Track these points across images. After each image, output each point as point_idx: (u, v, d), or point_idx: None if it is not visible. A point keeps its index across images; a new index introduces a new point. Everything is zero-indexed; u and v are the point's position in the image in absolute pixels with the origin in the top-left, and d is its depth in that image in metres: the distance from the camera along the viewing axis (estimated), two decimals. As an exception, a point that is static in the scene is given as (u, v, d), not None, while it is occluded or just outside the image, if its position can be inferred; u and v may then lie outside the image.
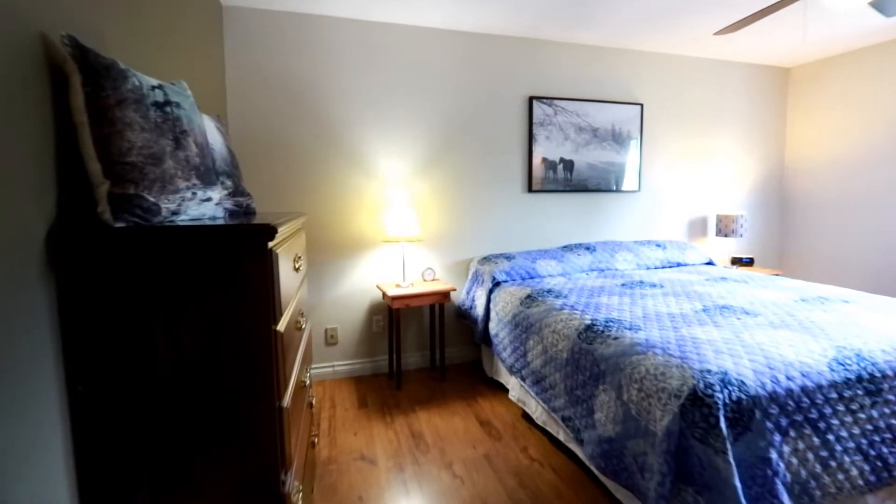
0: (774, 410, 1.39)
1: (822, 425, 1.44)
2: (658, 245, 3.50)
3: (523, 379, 2.36)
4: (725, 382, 1.40)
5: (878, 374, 1.55)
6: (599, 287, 2.67)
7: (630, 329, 1.87)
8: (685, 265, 3.46)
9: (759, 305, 2.21)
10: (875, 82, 3.59)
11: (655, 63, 3.68)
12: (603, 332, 1.89)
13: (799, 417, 1.42)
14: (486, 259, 3.10)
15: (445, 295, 2.88)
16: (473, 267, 3.14)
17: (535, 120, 3.31)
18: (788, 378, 1.46)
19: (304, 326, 1.50)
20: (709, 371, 1.45)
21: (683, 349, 1.63)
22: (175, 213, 1.15)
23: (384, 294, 2.80)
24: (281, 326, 1.11)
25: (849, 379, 1.51)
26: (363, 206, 3.00)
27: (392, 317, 2.92)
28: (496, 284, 2.89)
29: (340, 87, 2.88)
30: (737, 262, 3.90)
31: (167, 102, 1.14)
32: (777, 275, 3.91)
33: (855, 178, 3.78)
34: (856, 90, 3.73)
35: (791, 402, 1.42)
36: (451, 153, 3.17)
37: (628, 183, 3.65)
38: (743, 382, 1.41)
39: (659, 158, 3.80)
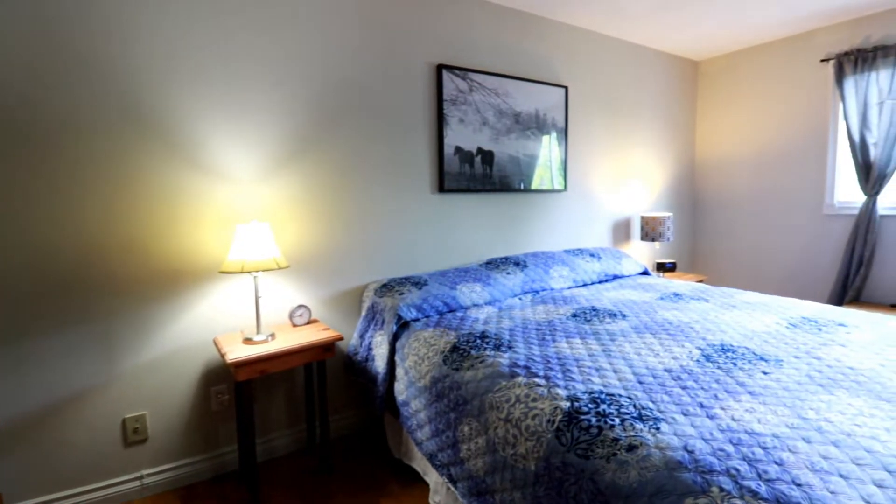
0: None
1: None
2: (592, 255, 2.91)
3: (453, 481, 1.50)
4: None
5: None
6: (547, 323, 1.92)
7: (641, 420, 1.10)
8: (623, 277, 2.92)
9: (759, 342, 1.64)
10: (783, 77, 3.45)
11: (578, 40, 3.11)
12: (599, 428, 1.10)
13: None
14: (386, 287, 2.18)
15: (327, 347, 1.90)
16: (369, 299, 2.20)
17: (445, 96, 2.48)
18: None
19: None
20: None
21: (766, 477, 0.90)
22: None
23: (223, 357, 1.72)
24: None
25: None
26: (198, 219, 1.88)
27: (241, 390, 1.85)
28: (403, 326, 1.98)
29: (137, 26, 1.73)
30: (661, 267, 3.53)
31: None
32: (701, 281, 3.63)
33: (766, 176, 3.63)
34: (764, 85, 3.58)
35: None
36: (329, 139, 2.18)
37: (553, 180, 3.02)
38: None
39: (584, 152, 3.25)
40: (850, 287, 3.07)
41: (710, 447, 0.98)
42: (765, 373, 1.36)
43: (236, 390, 1.94)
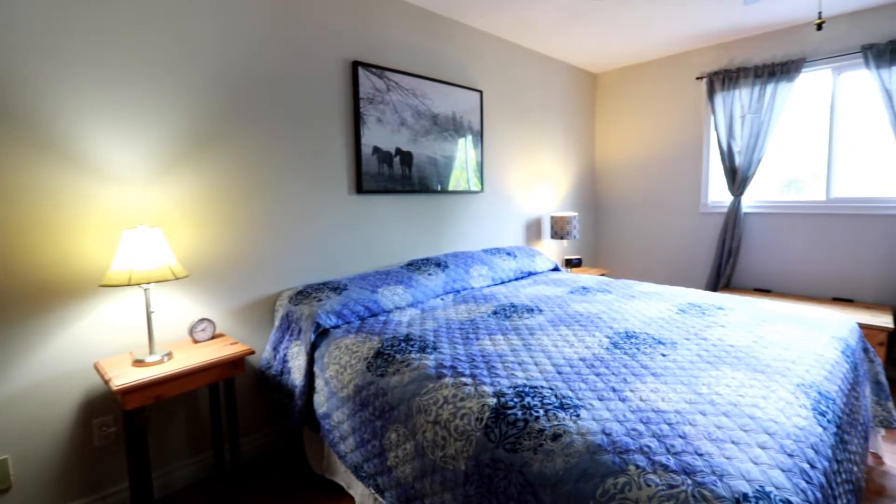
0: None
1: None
2: (508, 254, 3.02)
3: (380, 491, 1.45)
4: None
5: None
6: (470, 322, 1.95)
7: (563, 409, 1.15)
8: (537, 273, 3.06)
9: (657, 327, 1.81)
10: (666, 92, 3.88)
11: (492, 46, 3.21)
12: (525, 420, 1.13)
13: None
14: (302, 294, 2.06)
15: (235, 363, 1.74)
16: (283, 308, 2.06)
17: (362, 94, 2.41)
18: None
19: None
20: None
21: (673, 451, 0.98)
22: None
23: (108, 384, 1.49)
24: None
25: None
26: (76, 224, 1.60)
27: (131, 420, 1.62)
28: (322, 334, 1.88)
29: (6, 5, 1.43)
30: (569, 263, 3.78)
31: None
32: (604, 274, 3.94)
33: (653, 179, 4.05)
34: (650, 98, 3.99)
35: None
36: (233, 135, 2.01)
37: (470, 182, 3.08)
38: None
39: (499, 155, 3.36)
40: (723, 275, 3.53)
41: (624, 428, 1.05)
42: (663, 355, 1.50)
43: (125, 420, 1.69)
